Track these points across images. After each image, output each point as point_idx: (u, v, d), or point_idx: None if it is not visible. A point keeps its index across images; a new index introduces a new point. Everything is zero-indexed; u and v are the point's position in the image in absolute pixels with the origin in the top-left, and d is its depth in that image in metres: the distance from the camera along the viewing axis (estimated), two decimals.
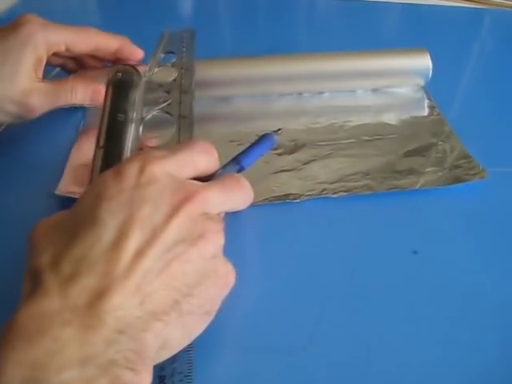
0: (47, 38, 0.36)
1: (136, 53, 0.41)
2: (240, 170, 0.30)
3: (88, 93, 0.38)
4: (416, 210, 0.35)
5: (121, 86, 0.31)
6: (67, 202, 0.34)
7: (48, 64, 0.38)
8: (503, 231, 0.34)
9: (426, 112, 0.44)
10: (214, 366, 0.26)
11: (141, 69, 0.33)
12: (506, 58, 0.55)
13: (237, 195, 0.27)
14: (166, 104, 0.34)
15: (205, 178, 0.26)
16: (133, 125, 0.30)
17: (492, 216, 0.35)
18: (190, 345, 0.24)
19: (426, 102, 0.45)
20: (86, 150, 0.38)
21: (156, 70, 0.37)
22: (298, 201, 0.35)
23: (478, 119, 0.44)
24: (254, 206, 0.34)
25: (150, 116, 0.34)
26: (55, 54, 0.38)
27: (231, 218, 0.34)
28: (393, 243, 0.33)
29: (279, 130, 0.34)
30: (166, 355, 0.23)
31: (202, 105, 0.44)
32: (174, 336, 0.22)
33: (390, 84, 0.46)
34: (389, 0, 0.68)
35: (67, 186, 0.35)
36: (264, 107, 0.45)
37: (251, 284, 0.30)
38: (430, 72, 0.45)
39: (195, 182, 0.24)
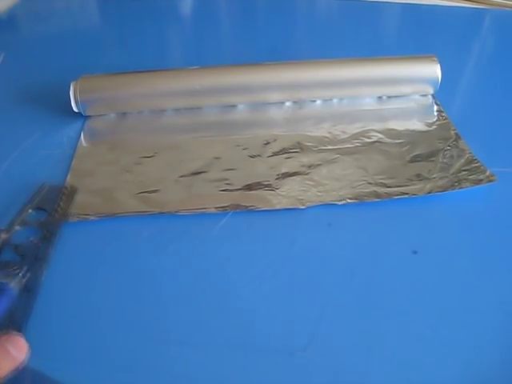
0: None
1: None
2: None
3: None
4: (416, 210, 0.35)
5: None
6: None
7: None
8: (503, 231, 0.34)
9: (433, 117, 0.43)
10: (214, 366, 0.26)
11: None
12: (507, 58, 0.55)
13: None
14: (13, 270, 0.30)
15: None
16: None
17: (493, 216, 0.35)
18: None
19: (435, 107, 0.45)
20: (88, 161, 0.39)
21: (18, 227, 0.33)
22: (303, 207, 0.35)
23: (482, 120, 0.44)
24: (256, 211, 0.34)
25: None
26: None
27: (233, 220, 0.34)
28: (393, 243, 0.33)
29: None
30: None
31: (209, 112, 0.44)
32: None
33: (400, 92, 0.46)
34: (389, 0, 0.68)
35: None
36: (269, 113, 0.44)
37: (252, 284, 0.30)
38: (439, 81, 0.44)
39: None
